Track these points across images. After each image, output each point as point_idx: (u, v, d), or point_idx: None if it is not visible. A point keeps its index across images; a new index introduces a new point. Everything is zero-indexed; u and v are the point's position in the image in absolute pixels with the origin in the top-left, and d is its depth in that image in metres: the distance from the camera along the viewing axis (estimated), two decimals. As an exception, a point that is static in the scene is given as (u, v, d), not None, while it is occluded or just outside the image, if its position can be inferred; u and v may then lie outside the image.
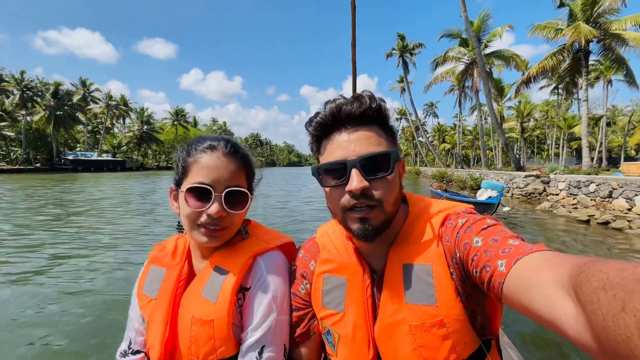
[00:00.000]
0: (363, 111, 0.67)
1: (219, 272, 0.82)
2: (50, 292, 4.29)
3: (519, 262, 0.49)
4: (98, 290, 4.38)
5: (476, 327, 0.67)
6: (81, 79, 68.15)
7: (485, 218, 0.67)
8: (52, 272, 5.13)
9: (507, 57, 23.74)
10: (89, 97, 67.80)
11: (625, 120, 40.63)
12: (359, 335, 0.72)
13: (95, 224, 8.96)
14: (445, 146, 63.92)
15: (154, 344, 0.80)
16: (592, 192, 10.04)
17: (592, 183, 10.07)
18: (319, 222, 8.58)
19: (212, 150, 0.81)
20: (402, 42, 38.42)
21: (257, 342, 0.76)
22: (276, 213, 11.14)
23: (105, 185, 24.17)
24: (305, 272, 0.86)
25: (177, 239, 0.96)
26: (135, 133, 72.49)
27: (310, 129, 0.74)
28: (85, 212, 11.11)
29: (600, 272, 0.33)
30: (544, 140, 53.33)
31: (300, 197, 16.94)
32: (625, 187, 8.90)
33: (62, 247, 6.53)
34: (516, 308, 0.48)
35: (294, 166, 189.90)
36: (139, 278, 0.93)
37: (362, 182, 0.64)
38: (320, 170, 0.71)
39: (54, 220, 9.34)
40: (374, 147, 0.67)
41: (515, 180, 15.34)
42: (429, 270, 0.68)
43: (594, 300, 0.32)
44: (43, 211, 11.07)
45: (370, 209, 0.66)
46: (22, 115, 53.27)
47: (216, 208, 0.76)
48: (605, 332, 0.30)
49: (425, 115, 72.37)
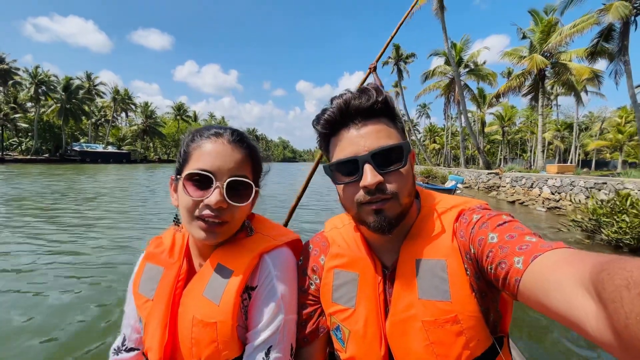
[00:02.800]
0: (371, 104, 0.67)
1: (222, 271, 0.77)
2: (59, 282, 4.17)
3: (537, 259, 0.48)
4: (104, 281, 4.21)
5: (489, 324, 0.66)
6: (87, 73, 70.63)
7: (501, 214, 0.65)
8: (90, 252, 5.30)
9: (483, 75, 28.37)
10: (93, 90, 70.35)
11: (598, 126, 45.93)
12: (370, 331, 0.70)
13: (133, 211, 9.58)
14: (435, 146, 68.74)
15: (152, 346, 0.76)
16: (523, 184, 14.44)
17: (524, 178, 14.46)
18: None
19: (217, 137, 0.76)
20: (397, 52, 42.51)
21: (264, 342, 0.72)
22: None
23: (120, 175, 25.74)
24: (315, 267, 0.84)
25: (175, 233, 0.89)
26: (139, 126, 75.41)
27: (318, 127, 0.72)
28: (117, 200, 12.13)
29: (623, 270, 0.33)
30: (526, 142, 58.59)
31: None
32: (539, 181, 13.28)
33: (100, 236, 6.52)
34: (533, 306, 0.48)
35: (288, 162, 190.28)
36: (134, 275, 0.88)
37: (376, 176, 0.63)
38: (332, 167, 0.70)
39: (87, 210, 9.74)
40: (384, 141, 0.66)
41: (481, 177, 19.80)
42: (443, 265, 0.66)
43: (616, 299, 0.32)
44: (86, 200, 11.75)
45: (385, 201, 0.65)
46: (35, 107, 55.63)
47: (216, 197, 0.70)
48: (628, 330, 0.30)
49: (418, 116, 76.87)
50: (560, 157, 43.34)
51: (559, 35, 18.09)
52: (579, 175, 12.98)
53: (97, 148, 64.71)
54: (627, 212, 5.86)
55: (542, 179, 13.19)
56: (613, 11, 14.61)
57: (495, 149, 56.99)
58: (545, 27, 20.43)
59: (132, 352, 0.86)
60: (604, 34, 17.21)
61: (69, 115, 58.67)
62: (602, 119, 46.43)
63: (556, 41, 18.48)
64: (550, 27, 20.34)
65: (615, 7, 14.57)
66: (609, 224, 6.06)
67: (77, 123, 62.86)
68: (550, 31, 20.29)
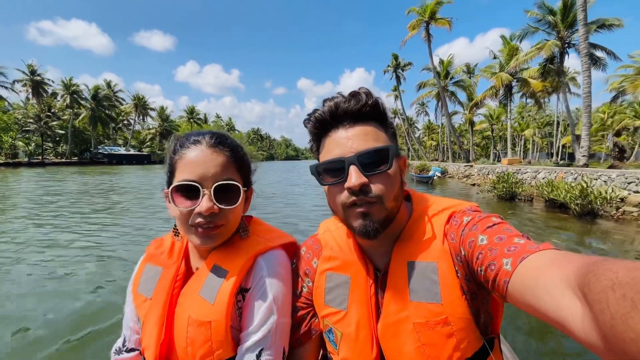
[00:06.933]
0: (360, 108, 0.67)
1: (217, 272, 0.79)
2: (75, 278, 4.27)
3: (524, 260, 0.49)
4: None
5: (480, 325, 0.67)
6: (106, 81, 76.73)
7: (490, 216, 0.66)
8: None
9: (465, 86, 34.46)
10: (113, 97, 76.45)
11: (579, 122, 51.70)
12: (362, 334, 0.71)
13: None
14: (432, 143, 74.74)
15: (149, 345, 0.78)
16: (484, 172, 20.45)
17: (485, 168, 20.43)
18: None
19: (195, 145, 0.76)
20: (396, 60, 48.39)
21: (255, 344, 0.73)
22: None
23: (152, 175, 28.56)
24: (307, 270, 0.85)
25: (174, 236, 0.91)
26: (157, 130, 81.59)
27: (309, 126, 0.74)
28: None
29: (609, 272, 0.33)
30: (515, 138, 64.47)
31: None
32: (491, 170, 19.31)
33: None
34: (521, 307, 0.48)
35: (291, 160, 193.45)
36: (134, 275, 0.90)
37: (360, 178, 0.63)
38: (319, 169, 0.71)
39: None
40: (371, 143, 0.66)
41: (460, 168, 25.87)
42: (434, 268, 0.67)
43: (602, 300, 0.32)
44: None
45: (370, 205, 0.65)
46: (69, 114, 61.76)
47: (206, 205, 0.71)
48: (613, 331, 0.30)
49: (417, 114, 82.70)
50: (549, 152, 48.93)
51: (515, 61, 23.88)
52: (521, 165, 18.98)
53: (119, 150, 70.67)
54: (498, 182, 12.15)
55: (494, 169, 19.21)
56: (546, 49, 20.50)
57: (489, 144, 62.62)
58: (510, 51, 26.34)
59: (132, 353, 0.88)
60: (549, 59, 23.03)
61: (97, 121, 64.91)
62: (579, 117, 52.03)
63: (514, 65, 24.29)
64: (513, 51, 26.21)
65: (547, 45, 20.41)
66: (498, 187, 12.32)
67: (104, 128, 69.16)
68: (513, 54, 26.13)
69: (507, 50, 26.67)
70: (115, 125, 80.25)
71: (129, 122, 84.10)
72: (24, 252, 5.53)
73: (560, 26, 20.37)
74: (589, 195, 8.39)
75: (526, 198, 12.11)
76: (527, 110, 51.35)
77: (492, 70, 28.85)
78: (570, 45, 21.43)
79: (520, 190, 12.04)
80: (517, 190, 12.02)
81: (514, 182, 12.13)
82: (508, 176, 12.35)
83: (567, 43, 21.25)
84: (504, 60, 27.06)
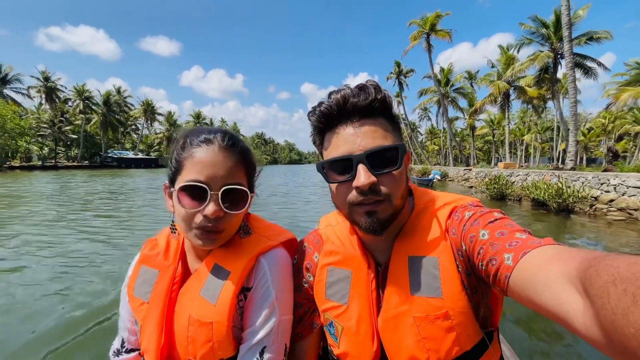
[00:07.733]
0: (369, 103, 0.65)
1: (219, 272, 0.78)
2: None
3: (526, 255, 0.49)
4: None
5: (479, 319, 0.67)
6: (116, 87, 79.05)
7: (492, 211, 0.66)
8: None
9: (465, 93, 35.82)
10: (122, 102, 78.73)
11: (582, 127, 52.79)
12: (363, 328, 0.72)
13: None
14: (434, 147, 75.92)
15: (148, 348, 0.77)
16: (481, 176, 21.62)
17: (482, 172, 21.63)
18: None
19: (207, 144, 0.74)
20: (398, 67, 49.93)
21: (258, 343, 0.73)
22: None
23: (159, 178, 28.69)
24: (309, 264, 0.85)
25: (169, 234, 0.89)
26: (164, 134, 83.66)
27: (312, 119, 0.72)
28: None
29: (610, 267, 0.33)
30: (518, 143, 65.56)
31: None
32: (487, 173, 20.48)
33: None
34: (522, 302, 0.48)
35: (294, 164, 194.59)
36: (129, 277, 0.88)
37: (369, 177, 0.62)
38: (325, 165, 0.69)
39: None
40: (380, 141, 0.65)
41: (460, 172, 27.11)
42: (435, 262, 0.67)
43: (603, 295, 0.32)
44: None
45: (377, 203, 0.65)
46: (82, 119, 63.86)
47: (213, 208, 0.70)
48: (614, 326, 0.30)
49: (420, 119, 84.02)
50: (551, 156, 49.85)
51: (512, 70, 25.17)
52: (515, 169, 20.18)
53: (128, 154, 72.32)
54: (490, 184, 13.39)
55: (491, 173, 20.42)
56: (539, 60, 21.80)
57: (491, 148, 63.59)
58: (507, 60, 27.66)
59: (132, 353, 0.87)
60: (543, 68, 24.27)
61: (107, 126, 67.01)
62: (583, 122, 53.14)
63: (510, 74, 25.58)
64: (510, 61, 27.52)
65: (540, 57, 21.71)
66: (490, 188, 13.53)
67: (115, 133, 71.28)
68: (510, 63, 27.43)
69: (504, 60, 28.03)
70: (124, 130, 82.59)
71: (137, 127, 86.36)
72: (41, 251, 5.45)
73: (552, 38, 21.70)
74: (564, 194, 9.65)
75: (515, 198, 13.34)
76: (529, 115, 52.59)
77: (490, 78, 30.16)
78: (563, 56, 22.70)
79: (510, 191, 13.29)
80: (507, 191, 13.26)
81: (504, 183, 13.39)
82: (499, 178, 13.60)
83: (559, 54, 22.52)
84: (502, 69, 28.39)
